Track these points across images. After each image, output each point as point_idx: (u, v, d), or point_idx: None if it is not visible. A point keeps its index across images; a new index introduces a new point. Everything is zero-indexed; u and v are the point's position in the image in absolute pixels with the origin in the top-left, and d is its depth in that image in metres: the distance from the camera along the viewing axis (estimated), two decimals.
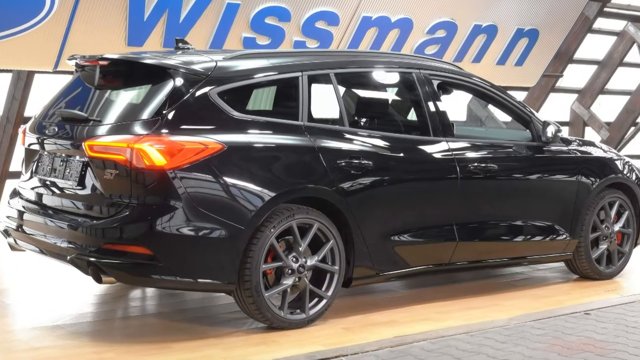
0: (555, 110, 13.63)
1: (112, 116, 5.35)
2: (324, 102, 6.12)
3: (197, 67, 5.34)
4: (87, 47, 8.01)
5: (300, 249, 5.43)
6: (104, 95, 5.56)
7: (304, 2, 9.44)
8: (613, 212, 7.14)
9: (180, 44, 6.05)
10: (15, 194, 5.91)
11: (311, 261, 5.49)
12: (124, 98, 5.54)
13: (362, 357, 4.90)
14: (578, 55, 13.08)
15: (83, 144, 5.16)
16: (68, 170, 5.36)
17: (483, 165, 6.29)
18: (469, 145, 6.38)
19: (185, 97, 5.18)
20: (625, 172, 7.21)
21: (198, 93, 5.23)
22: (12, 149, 8.67)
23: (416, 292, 6.64)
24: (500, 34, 11.38)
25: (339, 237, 5.58)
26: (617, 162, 7.23)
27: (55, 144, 5.52)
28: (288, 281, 5.39)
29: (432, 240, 6.07)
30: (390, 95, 7.05)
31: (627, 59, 13.62)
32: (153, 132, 5.03)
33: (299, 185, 5.42)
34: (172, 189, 4.98)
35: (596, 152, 7.17)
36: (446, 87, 6.53)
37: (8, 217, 5.81)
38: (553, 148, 6.80)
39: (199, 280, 5.12)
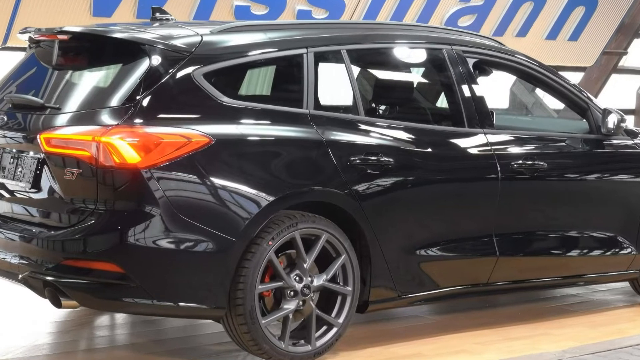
0: (618, 95, 13.62)
1: (74, 103, 5.35)
2: (334, 85, 6.11)
3: (178, 42, 5.33)
4: (43, 18, 8.02)
5: (304, 265, 5.42)
6: (64, 77, 5.56)
7: None
8: None
9: (157, 15, 6.05)
10: None
11: (318, 281, 5.48)
12: (89, 80, 5.55)
13: None
14: None
15: (38, 136, 5.15)
16: (20, 169, 5.36)
17: (529, 162, 6.28)
18: (512, 138, 6.38)
19: (163, 80, 5.18)
20: None
21: (179, 74, 5.22)
22: None
23: (447, 318, 6.64)
24: (550, 2, 11.36)
25: (352, 251, 5.57)
26: None
27: (4, 136, 5.52)
28: (290, 305, 5.38)
29: (467, 255, 6.08)
30: (416, 77, 7.05)
31: None
32: (124, 122, 5.02)
33: (303, 187, 5.42)
34: (147, 192, 4.98)
35: None
36: (484, 67, 6.54)
37: None
38: (615, 142, 6.79)
39: (181, 304, 5.11)
